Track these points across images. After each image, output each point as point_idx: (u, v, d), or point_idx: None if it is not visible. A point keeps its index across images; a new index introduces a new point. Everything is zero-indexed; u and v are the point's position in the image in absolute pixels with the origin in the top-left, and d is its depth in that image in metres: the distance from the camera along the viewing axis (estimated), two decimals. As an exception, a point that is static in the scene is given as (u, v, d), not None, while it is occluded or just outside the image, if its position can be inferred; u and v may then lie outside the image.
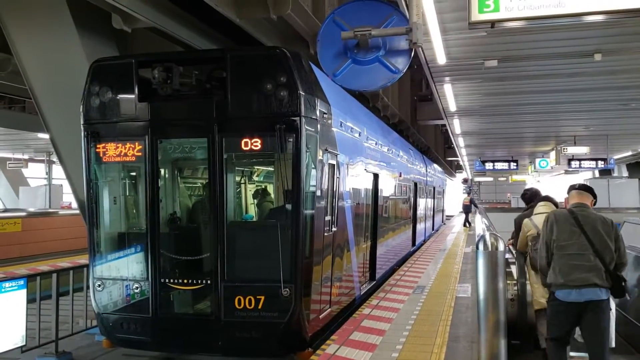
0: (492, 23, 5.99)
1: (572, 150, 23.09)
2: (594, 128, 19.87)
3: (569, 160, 25.40)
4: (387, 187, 11.92)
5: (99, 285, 6.93)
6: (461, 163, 39.99)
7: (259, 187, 8.45)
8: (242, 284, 6.42)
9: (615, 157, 29.60)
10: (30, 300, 7.84)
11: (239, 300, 6.31)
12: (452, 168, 48.02)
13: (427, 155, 25.44)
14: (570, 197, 6.02)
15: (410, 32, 5.93)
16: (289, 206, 6.38)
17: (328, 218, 7.05)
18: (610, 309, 5.54)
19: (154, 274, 6.65)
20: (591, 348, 5.54)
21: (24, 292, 7.55)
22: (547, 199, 7.79)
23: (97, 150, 6.83)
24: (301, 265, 6.29)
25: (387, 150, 12.00)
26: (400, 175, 13.69)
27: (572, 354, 6.16)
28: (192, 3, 7.93)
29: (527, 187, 13.20)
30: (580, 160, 25.42)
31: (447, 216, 36.58)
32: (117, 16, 7.90)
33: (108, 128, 6.82)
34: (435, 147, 31.48)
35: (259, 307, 6.27)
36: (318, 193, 6.60)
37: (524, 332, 7.73)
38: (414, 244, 17.19)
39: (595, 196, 5.97)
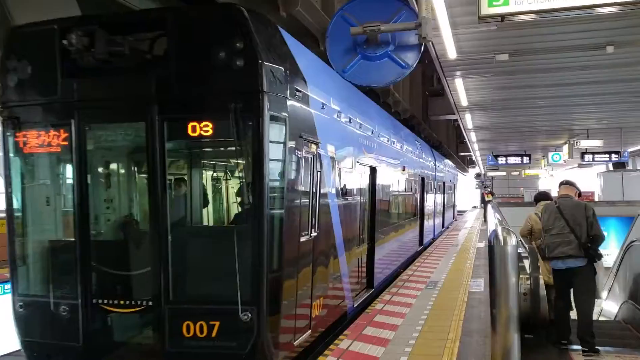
0: (502, 17, 5.97)
1: (585, 143, 22.94)
2: (607, 121, 19.72)
3: (582, 154, 25.25)
4: (388, 183, 10.84)
5: (21, 306, 5.66)
6: (474, 158, 39.84)
7: (213, 184, 7.06)
8: (192, 306, 5.21)
9: (630, 149, 29.38)
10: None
11: (188, 326, 5.10)
12: (464, 163, 47.82)
13: (439, 150, 25.31)
14: (560, 190, 7.88)
15: (420, 27, 5.89)
16: (249, 207, 5.24)
17: (306, 220, 5.90)
18: (595, 273, 7.35)
19: (84, 293, 5.40)
20: (578, 304, 7.41)
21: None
22: (546, 198, 9.57)
23: (17, 139, 5.60)
24: (266, 281, 5.04)
25: (388, 141, 10.74)
26: (404, 169, 12.55)
27: (572, 347, 7.54)
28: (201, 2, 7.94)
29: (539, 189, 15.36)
30: (593, 153, 25.27)
31: (459, 211, 36.43)
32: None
33: (28, 112, 5.58)
34: (448, 143, 31.36)
35: (213, 335, 5.06)
36: (290, 190, 5.37)
37: (537, 326, 7.74)
38: (421, 243, 16.18)
39: (578, 188, 7.88)
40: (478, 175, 54.83)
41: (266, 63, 5.04)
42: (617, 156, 25.32)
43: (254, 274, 5.03)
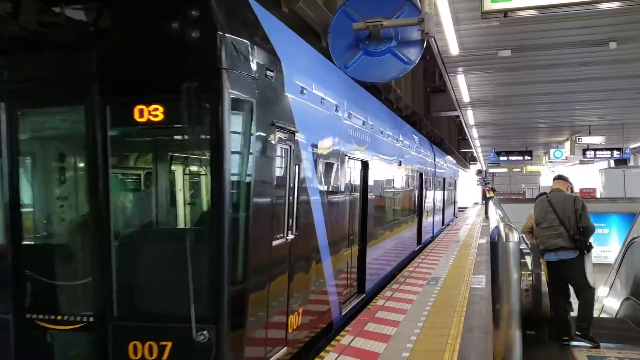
0: (505, 12, 5.96)
1: (587, 140, 22.94)
2: (609, 117, 19.70)
3: (584, 150, 25.25)
4: (382, 179, 9.92)
5: None
6: (475, 154, 39.81)
7: (165, 180, 5.69)
8: (139, 324, 4.41)
9: (632, 146, 29.34)
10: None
11: (135, 347, 4.32)
12: (466, 160, 47.78)
13: (440, 147, 25.23)
14: (553, 185, 8.13)
15: (423, 22, 5.89)
16: (206, 207, 4.58)
17: (281, 221, 5.09)
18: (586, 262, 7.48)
19: (16, 306, 4.61)
20: (576, 292, 7.66)
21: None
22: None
23: None
24: (227, 294, 4.25)
25: (382, 133, 9.78)
26: (400, 164, 11.63)
27: (573, 343, 7.58)
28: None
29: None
30: (595, 150, 25.28)
31: (460, 208, 36.36)
32: None
33: None
34: (449, 139, 31.31)
35: (164, 357, 4.29)
36: (258, 186, 4.57)
37: (539, 322, 7.75)
38: (419, 242, 15.21)
39: (570, 183, 8.13)
40: (479, 172, 54.86)
41: (227, 35, 4.23)
42: (619, 153, 25.33)
43: (212, 285, 4.24)
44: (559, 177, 8.29)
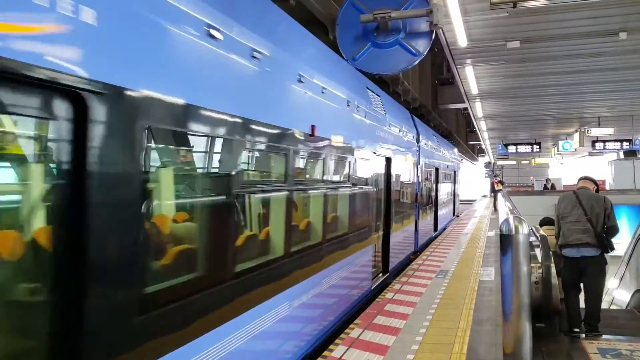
0: (514, 3, 5.92)
1: (596, 131, 22.78)
2: (619, 109, 19.54)
3: (593, 142, 25.09)
4: (267, 166, 5.32)
5: None
6: (483, 147, 39.65)
7: None
8: None
9: (641, 137, 29.14)
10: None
11: None
12: (474, 152, 47.65)
13: (448, 139, 25.02)
14: (578, 184, 7.95)
15: (431, 13, 5.86)
16: None
17: None
18: (606, 263, 7.35)
19: None
20: (587, 292, 7.40)
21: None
22: (550, 223, 9.71)
23: None
24: None
25: (279, 65, 5.11)
26: (333, 140, 6.69)
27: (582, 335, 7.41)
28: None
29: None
30: (604, 141, 25.13)
31: (464, 201, 36.06)
32: None
33: None
34: (457, 131, 31.25)
35: None
36: None
37: (548, 314, 7.72)
38: (385, 270, 10.02)
39: (597, 184, 7.90)
40: (488, 164, 54.71)
41: None
42: (628, 144, 25.14)
43: None
44: (585, 178, 8.15)
